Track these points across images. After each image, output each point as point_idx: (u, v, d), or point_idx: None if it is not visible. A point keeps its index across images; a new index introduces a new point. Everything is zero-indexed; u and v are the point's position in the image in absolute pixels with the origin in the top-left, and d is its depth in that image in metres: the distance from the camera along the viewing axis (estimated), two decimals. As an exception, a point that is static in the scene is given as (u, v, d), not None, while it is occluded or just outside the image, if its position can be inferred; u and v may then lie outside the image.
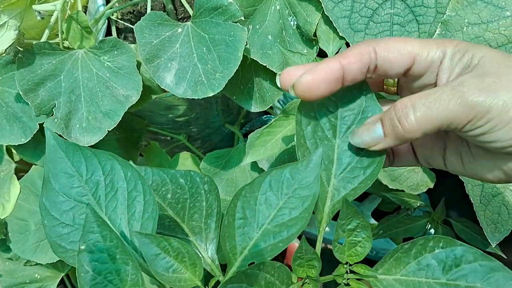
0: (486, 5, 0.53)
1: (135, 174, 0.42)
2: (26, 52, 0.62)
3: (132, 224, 0.42)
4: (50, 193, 0.42)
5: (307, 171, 0.40)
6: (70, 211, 0.41)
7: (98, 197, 0.42)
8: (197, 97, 0.57)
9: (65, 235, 0.41)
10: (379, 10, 0.58)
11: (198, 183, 0.46)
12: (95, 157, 0.43)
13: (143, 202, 0.42)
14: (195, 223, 0.46)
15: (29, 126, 0.66)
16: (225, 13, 0.58)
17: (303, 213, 0.39)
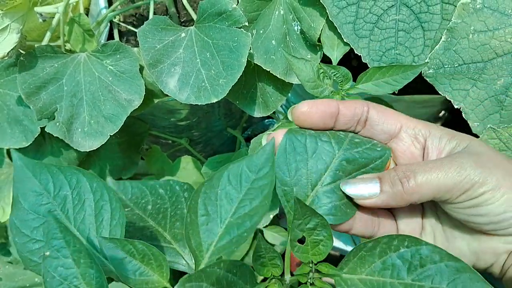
0: (493, 12, 0.53)
1: (101, 184, 0.44)
2: (28, 55, 0.62)
3: (100, 233, 0.43)
4: (20, 212, 0.43)
5: (263, 162, 0.40)
6: (40, 227, 0.43)
7: (67, 210, 0.43)
8: (200, 103, 0.57)
9: (36, 250, 0.42)
10: (384, 16, 0.57)
11: (178, 191, 0.47)
12: (61, 173, 0.44)
13: (110, 210, 0.43)
14: (177, 230, 0.47)
15: (30, 130, 0.65)
16: (229, 19, 0.58)
17: (263, 201, 0.39)
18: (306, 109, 0.43)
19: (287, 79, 0.63)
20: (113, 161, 0.77)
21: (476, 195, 0.39)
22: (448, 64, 0.54)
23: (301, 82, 0.56)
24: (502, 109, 0.55)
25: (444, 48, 0.54)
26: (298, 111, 0.44)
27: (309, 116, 0.44)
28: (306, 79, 0.55)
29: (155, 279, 0.39)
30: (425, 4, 0.56)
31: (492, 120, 0.55)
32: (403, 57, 0.57)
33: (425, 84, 0.60)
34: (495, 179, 0.38)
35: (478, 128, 0.56)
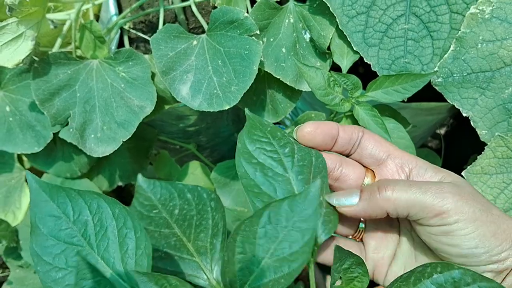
0: (501, 23, 0.54)
1: (123, 211, 0.42)
2: (41, 62, 0.63)
3: (126, 262, 0.41)
4: (39, 238, 0.41)
5: (306, 203, 0.38)
6: (61, 254, 0.41)
7: (88, 237, 0.42)
8: (212, 109, 0.58)
9: (59, 279, 0.41)
10: (394, 25, 0.58)
11: (205, 199, 0.45)
12: (80, 197, 0.42)
13: (135, 239, 0.41)
14: (201, 243, 0.46)
15: (43, 135, 0.66)
16: (241, 27, 0.59)
17: (303, 247, 0.38)
18: (310, 130, 0.45)
19: (297, 86, 0.64)
20: (122, 166, 0.78)
21: (450, 221, 0.39)
22: (457, 73, 0.55)
23: (312, 90, 0.57)
24: (510, 117, 0.55)
25: (453, 57, 0.55)
26: (303, 131, 0.45)
27: (313, 137, 0.45)
28: (317, 86, 0.56)
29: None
30: (434, 14, 0.57)
31: (500, 128, 0.56)
32: (412, 66, 0.58)
33: (431, 92, 0.60)
34: (471, 211, 0.39)
35: (486, 136, 0.56)
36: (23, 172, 0.78)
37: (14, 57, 0.59)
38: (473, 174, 0.56)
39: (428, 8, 0.57)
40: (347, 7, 0.59)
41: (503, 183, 0.56)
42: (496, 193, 0.56)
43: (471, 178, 0.56)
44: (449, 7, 0.56)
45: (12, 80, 0.68)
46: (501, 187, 0.56)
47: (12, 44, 0.59)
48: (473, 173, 0.56)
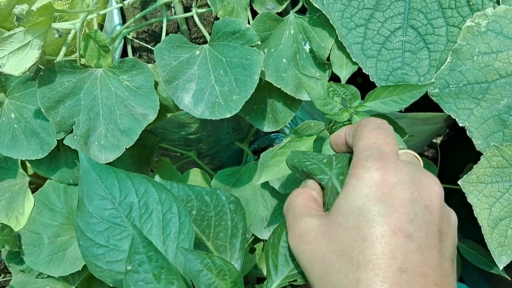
0: (497, 35, 0.55)
1: (170, 196, 0.43)
2: (47, 70, 0.64)
3: (167, 245, 0.43)
4: (84, 215, 0.43)
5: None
6: (104, 232, 0.42)
7: (133, 218, 0.43)
8: (214, 118, 0.59)
9: (100, 255, 0.42)
10: (391, 38, 0.60)
11: (223, 201, 0.48)
12: (129, 180, 0.44)
13: (178, 224, 0.43)
14: (220, 241, 0.48)
15: (47, 142, 0.67)
16: (243, 38, 0.60)
17: None
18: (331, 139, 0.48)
19: (297, 96, 0.65)
20: (124, 173, 0.79)
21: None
22: (453, 84, 0.57)
23: (311, 100, 0.58)
24: (505, 127, 0.57)
25: (450, 69, 0.57)
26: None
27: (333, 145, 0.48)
28: (317, 96, 0.58)
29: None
30: (431, 26, 0.58)
31: (495, 138, 0.57)
32: (409, 77, 0.59)
33: (428, 102, 0.62)
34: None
35: (481, 146, 0.58)
36: (26, 178, 0.79)
37: (21, 66, 0.61)
38: (469, 183, 0.58)
39: (425, 21, 0.59)
40: (346, 19, 0.60)
41: (498, 192, 0.58)
42: (492, 202, 0.58)
43: (467, 187, 0.58)
44: (446, 20, 0.58)
45: (18, 87, 0.69)
46: (497, 196, 0.58)
47: (19, 52, 0.61)
48: (469, 182, 0.58)
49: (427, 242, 0.34)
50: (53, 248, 0.74)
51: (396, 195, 0.34)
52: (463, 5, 0.57)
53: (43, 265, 0.74)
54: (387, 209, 0.34)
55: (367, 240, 0.33)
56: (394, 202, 0.34)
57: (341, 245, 0.34)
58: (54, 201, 0.76)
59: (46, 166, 0.74)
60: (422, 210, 0.34)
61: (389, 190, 0.35)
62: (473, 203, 0.58)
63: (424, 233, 0.34)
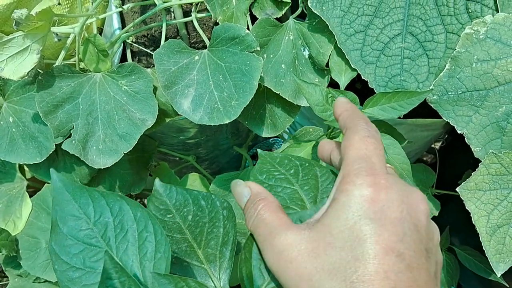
0: (495, 43, 0.55)
1: (145, 214, 0.43)
2: (46, 74, 0.64)
3: (144, 265, 0.42)
4: (59, 237, 0.42)
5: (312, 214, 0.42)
6: (79, 254, 0.42)
7: (108, 238, 0.42)
8: (213, 123, 0.59)
9: (76, 278, 0.41)
10: (390, 44, 0.60)
11: (218, 207, 0.47)
12: (103, 198, 0.43)
13: (155, 243, 0.42)
14: (210, 250, 0.47)
15: (45, 146, 0.67)
16: (242, 43, 0.60)
17: None
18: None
19: (295, 101, 0.65)
20: (123, 177, 0.79)
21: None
22: (452, 91, 0.57)
23: (310, 106, 0.58)
24: (504, 135, 0.57)
25: (448, 76, 0.57)
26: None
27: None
28: (315, 102, 0.58)
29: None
30: (430, 33, 0.58)
31: (494, 146, 0.57)
32: (408, 83, 0.59)
33: (427, 108, 0.62)
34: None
35: (480, 153, 0.58)
36: (24, 182, 0.79)
37: (19, 70, 0.60)
38: (467, 190, 0.58)
39: (424, 27, 0.59)
40: (345, 26, 0.60)
41: (496, 199, 0.58)
42: (490, 209, 0.58)
43: (465, 194, 0.58)
44: (445, 27, 0.58)
45: (16, 91, 0.69)
46: (495, 203, 0.58)
47: (18, 57, 0.60)
48: (468, 189, 0.58)
49: (416, 261, 0.34)
50: (50, 253, 0.74)
51: (387, 214, 0.34)
52: (462, 12, 0.57)
53: (40, 269, 0.74)
54: (378, 229, 0.34)
55: (359, 260, 0.33)
56: (385, 222, 0.34)
57: (330, 264, 0.34)
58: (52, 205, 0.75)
59: (44, 170, 0.74)
60: (410, 228, 0.35)
61: (380, 208, 0.35)
62: (471, 210, 0.58)
63: (413, 252, 0.34)
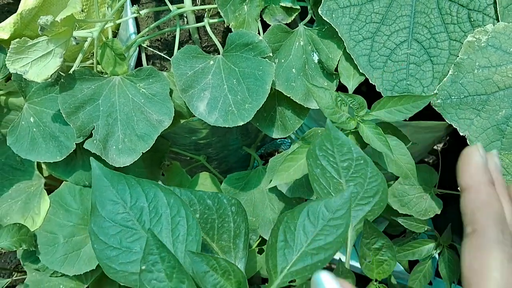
0: (496, 50, 0.58)
1: (178, 200, 0.47)
2: (67, 77, 0.67)
3: (176, 246, 0.46)
4: (98, 219, 0.46)
5: (340, 204, 0.45)
6: (117, 235, 0.46)
7: (143, 222, 0.46)
8: (227, 125, 0.62)
9: (113, 257, 0.46)
10: (397, 50, 0.63)
11: (225, 205, 0.51)
12: (139, 185, 0.47)
13: (186, 226, 0.46)
14: (224, 242, 0.51)
15: (66, 145, 0.70)
16: (255, 49, 0.64)
17: (337, 238, 0.44)
18: None
19: (305, 104, 0.68)
20: (137, 175, 0.81)
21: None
22: (455, 95, 0.60)
23: (320, 108, 0.61)
24: (503, 137, 0.60)
25: (451, 81, 0.60)
26: None
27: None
28: (326, 105, 0.61)
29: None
30: (434, 40, 0.62)
31: (494, 147, 0.60)
32: (413, 88, 0.62)
33: (429, 111, 0.65)
34: None
35: (481, 154, 0.61)
36: (42, 180, 0.82)
37: (43, 73, 0.64)
38: (468, 189, 0.61)
39: (429, 35, 0.62)
40: (354, 32, 0.63)
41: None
42: (490, 207, 0.61)
43: (467, 193, 0.61)
44: (448, 35, 0.61)
45: (37, 92, 0.72)
46: (495, 202, 0.61)
47: (42, 60, 0.64)
48: (469, 188, 0.61)
49: None
50: (68, 248, 0.77)
51: None
52: (465, 21, 0.61)
53: (58, 264, 0.77)
54: None
55: None
56: None
57: None
58: (69, 202, 0.78)
59: (63, 168, 0.77)
60: None
61: None
62: (473, 208, 0.61)
63: None
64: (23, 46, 0.63)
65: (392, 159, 0.62)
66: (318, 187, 0.52)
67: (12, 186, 0.82)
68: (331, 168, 0.53)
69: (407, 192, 0.78)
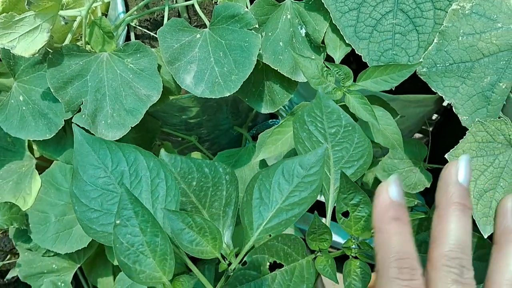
0: (480, 17, 0.59)
1: (157, 163, 0.48)
2: (55, 53, 0.67)
3: (156, 207, 0.47)
4: (79, 183, 0.47)
5: (314, 161, 0.46)
6: (98, 198, 0.47)
7: (123, 185, 0.47)
8: (214, 96, 0.62)
9: (94, 219, 0.47)
10: (382, 20, 0.63)
11: (220, 173, 0.51)
12: (120, 150, 0.48)
13: (166, 188, 0.47)
14: (214, 210, 0.51)
15: (54, 122, 0.70)
16: (241, 21, 0.64)
17: (311, 193, 0.45)
18: None
19: (293, 77, 0.68)
20: (128, 155, 0.82)
21: None
22: (440, 63, 0.60)
23: (307, 79, 0.61)
24: (489, 104, 0.60)
25: (436, 49, 0.60)
26: None
27: None
28: (312, 76, 0.61)
29: (208, 249, 0.44)
30: (420, 10, 0.62)
31: (480, 114, 0.61)
32: (399, 57, 0.63)
33: (418, 85, 0.65)
34: None
35: (467, 122, 0.61)
36: (33, 160, 0.82)
37: (31, 48, 0.64)
38: (455, 157, 0.61)
39: (414, 5, 0.62)
40: (340, 3, 0.64)
41: (483, 165, 0.61)
42: (477, 175, 0.61)
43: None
44: (433, 4, 0.62)
45: (26, 71, 0.72)
46: (482, 169, 0.61)
47: (29, 35, 0.64)
48: (455, 156, 0.61)
49: None
50: (59, 226, 0.77)
51: None
52: (450, -11, 0.61)
53: (50, 242, 0.77)
54: None
55: None
56: None
57: None
58: (60, 181, 0.79)
59: (53, 147, 0.78)
60: None
61: None
62: (459, 176, 0.61)
63: None
64: (10, 21, 0.63)
65: (378, 129, 0.63)
66: (302, 149, 0.52)
67: (3, 167, 0.82)
68: (318, 133, 0.53)
69: (396, 166, 0.78)
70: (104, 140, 0.48)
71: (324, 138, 0.53)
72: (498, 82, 0.59)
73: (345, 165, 0.52)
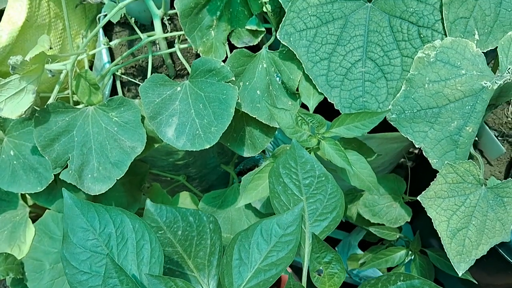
0: (444, 65, 0.61)
1: (142, 225, 0.51)
2: (42, 111, 0.70)
3: (141, 269, 0.50)
4: (69, 246, 0.50)
5: (291, 221, 0.48)
6: (87, 261, 0.50)
7: (111, 247, 0.50)
8: (195, 149, 0.65)
9: (84, 281, 0.49)
10: (352, 69, 0.66)
11: (204, 222, 0.55)
12: (107, 213, 0.51)
13: (150, 249, 0.50)
14: (199, 260, 0.54)
15: (45, 176, 0.73)
16: (218, 75, 0.67)
17: (288, 253, 0.47)
18: None
19: (271, 124, 0.71)
20: (117, 199, 0.85)
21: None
22: (408, 110, 0.63)
23: (282, 129, 0.64)
24: (457, 147, 0.63)
25: (404, 96, 0.63)
26: None
27: None
28: (286, 126, 0.64)
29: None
30: (387, 58, 0.65)
31: (449, 157, 0.63)
32: (369, 104, 0.65)
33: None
34: None
35: (437, 164, 0.64)
36: (26, 209, 0.85)
37: (17, 109, 0.67)
38: (427, 198, 0.64)
39: (382, 53, 0.65)
40: (311, 54, 0.66)
41: (455, 205, 0.64)
42: (449, 214, 0.64)
43: (426, 202, 0.64)
44: (400, 52, 0.64)
45: (15, 127, 0.75)
46: (454, 209, 0.64)
47: (15, 97, 0.67)
48: (428, 197, 0.64)
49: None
50: (54, 274, 0.80)
51: None
52: (415, 37, 0.64)
53: (45, 289, 0.79)
54: None
55: None
56: None
57: None
58: (53, 229, 0.81)
59: (45, 197, 0.80)
60: None
61: None
62: (433, 216, 0.63)
63: None
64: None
65: (353, 174, 0.65)
66: (277, 204, 0.55)
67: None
68: (293, 186, 0.56)
69: (377, 202, 0.80)
70: (92, 203, 0.51)
71: (299, 190, 0.56)
72: (464, 126, 0.62)
73: (319, 218, 0.54)
